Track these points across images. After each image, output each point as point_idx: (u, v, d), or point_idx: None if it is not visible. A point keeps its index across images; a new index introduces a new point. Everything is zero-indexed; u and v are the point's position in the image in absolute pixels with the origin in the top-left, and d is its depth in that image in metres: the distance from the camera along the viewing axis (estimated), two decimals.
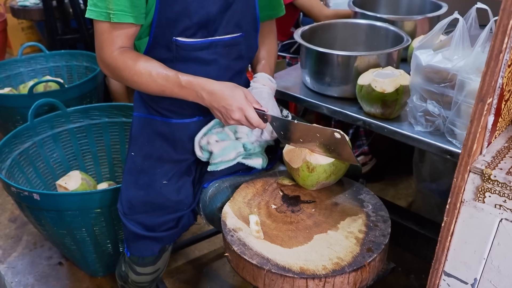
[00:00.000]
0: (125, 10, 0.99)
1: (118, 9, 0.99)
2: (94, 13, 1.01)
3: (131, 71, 1.03)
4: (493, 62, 0.66)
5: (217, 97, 1.02)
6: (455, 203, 0.79)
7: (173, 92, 1.05)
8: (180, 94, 1.05)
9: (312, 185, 1.09)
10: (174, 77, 1.03)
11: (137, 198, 1.19)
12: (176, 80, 1.03)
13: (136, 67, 1.03)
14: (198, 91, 1.03)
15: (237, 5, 1.09)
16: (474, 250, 0.80)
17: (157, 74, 1.03)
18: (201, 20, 1.05)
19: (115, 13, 0.99)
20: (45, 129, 1.87)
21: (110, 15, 0.99)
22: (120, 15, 0.99)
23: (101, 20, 1.01)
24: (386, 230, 0.99)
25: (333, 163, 1.06)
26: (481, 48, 0.99)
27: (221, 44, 1.10)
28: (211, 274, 1.80)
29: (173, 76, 1.03)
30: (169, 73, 1.03)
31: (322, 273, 0.88)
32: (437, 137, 1.11)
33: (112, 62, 1.04)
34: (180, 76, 1.03)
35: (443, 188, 1.76)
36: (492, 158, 0.77)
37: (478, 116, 0.71)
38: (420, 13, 1.66)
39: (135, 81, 1.05)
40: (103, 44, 1.04)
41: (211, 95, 1.02)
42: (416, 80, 1.10)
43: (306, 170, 1.06)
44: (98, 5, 1.00)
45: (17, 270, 1.83)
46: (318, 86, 1.35)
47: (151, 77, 1.03)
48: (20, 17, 3.03)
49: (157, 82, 1.03)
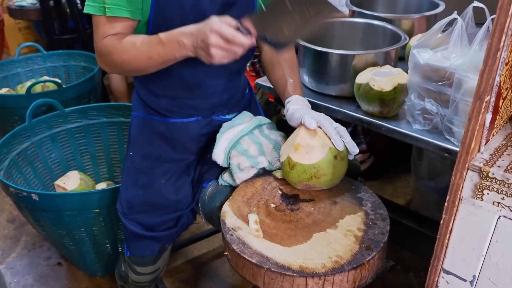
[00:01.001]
0: (120, 4, 0.99)
1: (113, 3, 0.99)
2: (92, 8, 1.01)
3: (117, 50, 1.02)
4: (491, 60, 0.67)
5: (194, 34, 0.94)
6: (454, 200, 0.79)
7: (159, 53, 0.99)
8: (165, 52, 0.99)
9: (294, 183, 1.09)
10: (155, 38, 1.00)
11: (136, 198, 1.19)
12: (157, 39, 0.99)
13: (121, 45, 1.02)
14: (179, 39, 0.96)
15: (237, 7, 1.08)
16: (472, 248, 0.81)
17: (141, 42, 1.01)
18: (197, 20, 1.04)
19: (109, 7, 0.99)
20: (43, 130, 1.87)
21: (105, 9, 1.00)
22: (115, 9, 0.99)
23: (99, 14, 1.01)
24: (385, 228, 0.99)
25: (315, 165, 1.03)
26: (478, 47, 1.00)
27: None
28: (210, 273, 1.80)
29: (154, 37, 1.00)
30: (150, 37, 1.01)
31: (321, 272, 0.88)
32: (435, 135, 1.12)
33: (103, 49, 1.04)
34: (160, 34, 0.99)
35: (441, 186, 1.77)
36: (490, 156, 0.78)
37: (476, 114, 0.71)
38: (417, 11, 1.66)
39: (124, 60, 1.03)
40: (97, 37, 1.04)
41: (190, 35, 0.94)
42: (414, 78, 1.11)
43: (287, 165, 1.07)
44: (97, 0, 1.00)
45: (16, 271, 1.82)
46: (316, 85, 1.36)
47: (135, 48, 1.01)
48: (17, 17, 3.02)
49: (142, 51, 1.00)
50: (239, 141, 1.16)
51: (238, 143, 1.15)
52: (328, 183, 1.08)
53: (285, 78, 1.20)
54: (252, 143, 1.16)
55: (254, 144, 1.17)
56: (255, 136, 1.19)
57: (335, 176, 1.08)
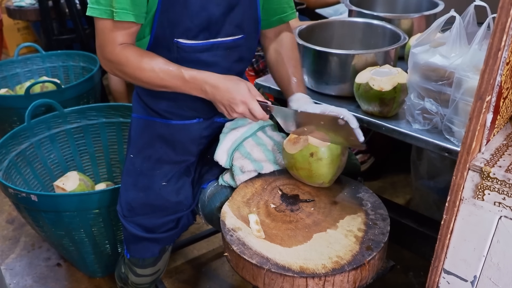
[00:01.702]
0: (126, 8, 0.98)
1: (120, 7, 0.98)
2: (97, 11, 0.99)
3: (133, 66, 1.02)
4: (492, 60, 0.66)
5: (220, 91, 1.01)
6: (455, 201, 0.79)
7: (176, 86, 1.04)
8: (183, 88, 1.04)
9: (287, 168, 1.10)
10: (177, 72, 1.02)
11: (136, 200, 1.19)
12: (179, 74, 1.02)
13: (138, 63, 1.02)
14: (202, 85, 1.02)
15: (240, 8, 1.08)
16: (473, 248, 0.81)
17: (160, 69, 1.02)
18: (203, 22, 1.04)
19: (117, 11, 0.98)
20: (42, 130, 1.87)
21: (113, 13, 0.98)
22: (122, 13, 0.99)
23: (103, 18, 1.00)
24: (385, 228, 0.99)
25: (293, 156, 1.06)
26: (478, 46, 1.00)
27: (222, 46, 1.09)
28: (210, 274, 1.79)
29: (176, 70, 1.02)
30: (171, 68, 1.02)
31: (321, 272, 0.88)
32: (435, 135, 1.12)
33: (114, 58, 1.03)
34: (183, 70, 1.02)
35: (441, 185, 1.77)
36: (491, 156, 0.77)
37: (477, 114, 0.71)
38: (416, 11, 1.66)
39: (137, 76, 1.04)
40: (105, 42, 1.03)
41: (215, 89, 1.01)
42: (413, 78, 1.10)
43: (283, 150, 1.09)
44: (101, 2, 0.98)
45: (15, 272, 1.82)
46: (316, 84, 1.35)
47: (153, 72, 1.02)
48: (16, 17, 3.01)
49: (159, 77, 1.02)
50: (243, 143, 1.16)
51: (241, 145, 1.15)
52: (308, 179, 1.09)
53: (288, 77, 1.20)
54: (255, 146, 1.16)
55: (257, 146, 1.16)
56: (259, 138, 1.18)
57: (313, 174, 1.07)
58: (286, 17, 1.22)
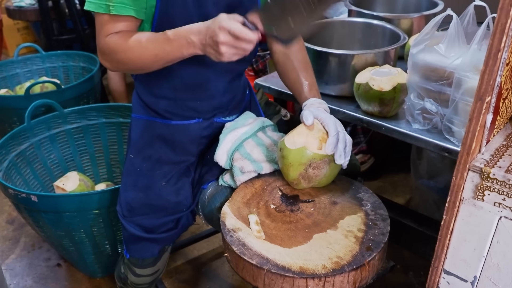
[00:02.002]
0: (124, 2, 0.98)
1: (118, 1, 0.97)
2: (93, 5, 0.99)
3: (122, 48, 1.01)
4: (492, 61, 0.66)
5: (202, 32, 0.93)
6: (454, 201, 0.79)
7: (165, 51, 0.98)
8: (173, 50, 0.97)
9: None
10: (162, 35, 0.98)
11: (136, 200, 1.19)
12: (164, 36, 0.98)
13: (126, 43, 1.00)
14: (187, 37, 0.95)
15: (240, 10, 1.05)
16: (473, 248, 0.81)
17: (147, 40, 0.99)
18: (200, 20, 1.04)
19: (114, 5, 0.98)
20: (42, 130, 1.86)
21: (109, 7, 0.98)
22: (120, 7, 0.98)
23: (100, 12, 1.00)
24: (385, 228, 0.99)
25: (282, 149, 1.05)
26: (477, 46, 1.00)
27: None
28: (210, 274, 1.80)
29: (161, 34, 0.99)
30: (156, 34, 0.99)
31: (322, 273, 0.88)
32: (435, 135, 1.12)
33: (105, 47, 1.02)
34: (167, 31, 0.98)
35: (440, 185, 1.77)
36: (491, 156, 0.77)
37: (476, 114, 0.71)
38: (416, 11, 1.66)
39: (129, 58, 1.02)
40: (100, 35, 1.03)
41: (199, 33, 0.94)
42: (413, 78, 1.10)
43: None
44: None
45: (15, 272, 1.82)
46: None
47: (141, 46, 0.99)
48: (16, 17, 3.01)
49: (148, 49, 0.99)
50: (243, 143, 1.15)
51: (241, 146, 1.15)
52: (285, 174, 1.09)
53: (300, 82, 1.17)
54: (255, 146, 1.16)
55: (257, 147, 1.16)
56: (259, 138, 1.18)
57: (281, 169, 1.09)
58: None
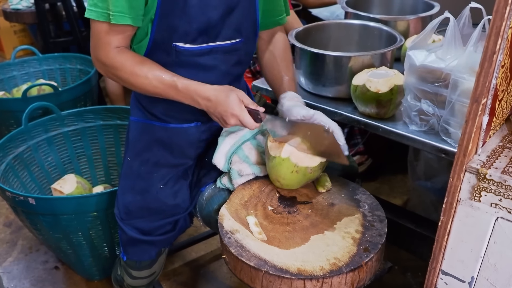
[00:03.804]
0: (123, 12, 0.98)
1: (117, 11, 0.97)
2: (94, 13, 0.99)
3: (128, 71, 1.02)
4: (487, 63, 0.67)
5: (212, 104, 1.02)
6: (451, 202, 0.79)
7: (169, 95, 1.05)
8: (176, 97, 1.05)
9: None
10: (171, 81, 1.02)
11: (133, 203, 1.19)
12: (172, 84, 1.02)
13: (133, 68, 1.02)
14: (194, 96, 1.03)
15: (239, 11, 1.07)
16: (471, 249, 0.81)
17: (154, 77, 1.02)
18: (202, 25, 1.04)
19: (114, 14, 0.98)
20: (40, 133, 1.86)
21: (109, 16, 0.98)
22: (119, 16, 0.98)
23: (101, 20, 1.00)
24: (382, 229, 0.99)
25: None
26: (473, 48, 1.00)
27: (221, 50, 1.09)
28: (208, 276, 1.79)
29: (170, 79, 1.03)
30: (165, 77, 1.02)
31: (319, 274, 0.88)
32: (432, 136, 1.12)
33: (109, 62, 1.03)
34: (176, 79, 1.02)
35: (437, 186, 1.77)
36: (487, 158, 0.78)
37: (473, 116, 0.71)
38: (412, 13, 1.67)
39: (131, 82, 1.04)
40: (99, 44, 1.03)
41: (207, 101, 1.02)
42: (410, 79, 1.11)
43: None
44: (99, 5, 0.98)
45: (12, 275, 1.81)
46: (312, 86, 1.36)
47: (147, 79, 1.02)
48: (13, 20, 3.01)
49: (152, 84, 1.03)
50: (241, 146, 1.16)
51: (240, 149, 1.15)
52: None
53: (280, 76, 1.21)
54: (253, 149, 1.16)
55: (256, 149, 1.16)
56: (257, 141, 1.19)
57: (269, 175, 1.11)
58: (282, 19, 1.23)
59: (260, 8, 1.14)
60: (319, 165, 1.07)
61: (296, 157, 1.05)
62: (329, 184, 1.13)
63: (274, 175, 1.09)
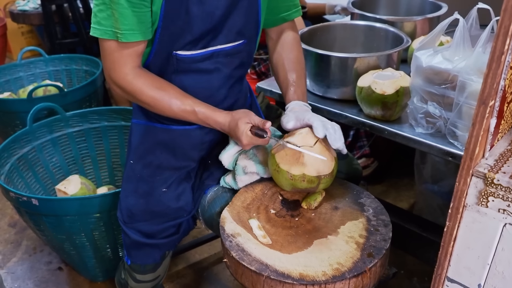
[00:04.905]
0: (133, 29, 0.96)
1: (126, 29, 0.95)
2: (99, 32, 0.97)
3: (148, 96, 1.03)
4: (495, 64, 0.65)
5: (227, 130, 1.07)
6: (458, 207, 0.77)
7: (187, 119, 1.08)
8: (195, 121, 1.08)
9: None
10: (191, 109, 1.06)
11: (136, 207, 1.18)
12: (191, 110, 1.06)
13: (153, 94, 1.03)
14: (212, 123, 1.07)
15: (240, 12, 1.05)
16: (477, 256, 0.79)
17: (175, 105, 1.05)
18: (203, 32, 1.03)
19: (123, 33, 0.96)
20: (44, 134, 1.86)
21: (117, 35, 0.96)
22: (129, 34, 0.96)
23: (106, 38, 0.98)
24: (387, 234, 0.97)
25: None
26: (482, 49, 0.98)
27: (222, 54, 1.08)
28: (211, 278, 1.78)
29: (190, 108, 1.05)
30: (185, 106, 1.05)
31: (322, 279, 0.86)
32: (439, 139, 1.10)
33: (127, 86, 1.03)
34: (196, 108, 1.05)
35: (445, 189, 1.75)
36: (495, 162, 0.76)
37: (480, 119, 0.69)
38: (419, 13, 1.64)
39: (150, 106, 1.06)
40: (115, 65, 1.01)
41: (223, 126, 1.07)
42: (416, 81, 1.09)
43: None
44: (102, 23, 0.96)
45: (16, 276, 1.82)
46: (317, 88, 1.34)
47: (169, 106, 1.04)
48: (20, 21, 3.03)
49: (172, 110, 1.05)
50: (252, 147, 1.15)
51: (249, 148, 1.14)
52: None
53: (286, 82, 1.17)
54: (263, 149, 1.15)
55: (265, 149, 1.15)
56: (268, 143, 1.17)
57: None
58: (289, 15, 1.19)
59: (264, 6, 1.11)
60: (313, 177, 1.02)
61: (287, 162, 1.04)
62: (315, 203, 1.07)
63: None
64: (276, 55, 1.21)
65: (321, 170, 1.02)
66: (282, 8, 1.17)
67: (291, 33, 1.21)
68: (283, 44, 1.20)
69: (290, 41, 1.20)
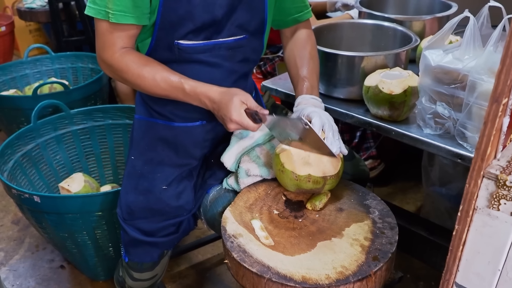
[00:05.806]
0: (125, 11, 0.96)
1: (118, 10, 0.96)
2: (93, 10, 0.98)
3: (134, 74, 1.02)
4: (509, 60, 0.62)
5: (216, 106, 1.01)
6: (467, 210, 0.74)
7: (177, 97, 1.04)
8: (183, 99, 1.04)
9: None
10: (178, 83, 1.01)
11: (136, 204, 1.17)
12: (179, 85, 1.02)
13: (140, 71, 1.01)
14: (201, 98, 1.02)
15: (244, 7, 1.05)
16: (488, 261, 0.76)
17: (161, 79, 1.01)
18: (205, 23, 1.02)
19: (114, 13, 0.96)
20: (49, 131, 1.86)
21: (108, 15, 0.96)
22: (119, 15, 0.96)
23: (100, 18, 0.98)
24: (393, 237, 0.95)
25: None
26: (493, 48, 0.96)
27: (224, 47, 1.07)
28: (214, 279, 1.76)
29: (177, 82, 1.02)
30: (173, 79, 1.01)
31: (325, 283, 0.84)
32: (447, 140, 1.08)
33: (114, 63, 1.02)
34: (183, 82, 1.01)
35: (453, 192, 1.72)
36: (507, 163, 0.73)
37: (492, 117, 0.67)
38: (429, 13, 1.62)
39: (138, 84, 1.03)
40: (104, 45, 1.02)
41: (213, 103, 1.01)
42: (425, 81, 1.06)
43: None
44: (97, 2, 0.97)
45: (18, 273, 1.81)
46: (324, 87, 1.32)
47: (154, 81, 1.01)
48: (27, 19, 3.04)
49: (160, 87, 1.02)
50: (254, 148, 1.13)
51: (252, 150, 1.12)
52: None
53: (297, 78, 1.17)
54: (266, 150, 1.13)
55: (268, 151, 1.13)
56: (272, 144, 1.15)
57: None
58: (301, 16, 1.20)
59: (271, 6, 1.10)
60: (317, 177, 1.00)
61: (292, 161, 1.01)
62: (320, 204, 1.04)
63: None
64: (288, 51, 1.21)
65: (327, 171, 1.00)
66: (292, 9, 1.17)
67: (304, 31, 1.21)
68: (295, 41, 1.20)
69: (303, 38, 1.20)
